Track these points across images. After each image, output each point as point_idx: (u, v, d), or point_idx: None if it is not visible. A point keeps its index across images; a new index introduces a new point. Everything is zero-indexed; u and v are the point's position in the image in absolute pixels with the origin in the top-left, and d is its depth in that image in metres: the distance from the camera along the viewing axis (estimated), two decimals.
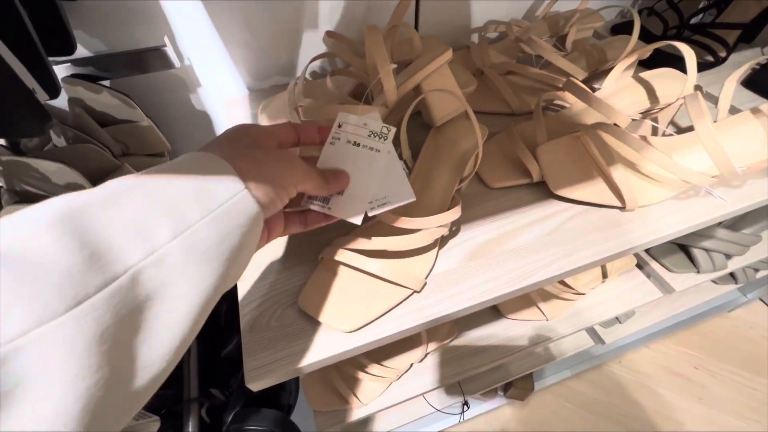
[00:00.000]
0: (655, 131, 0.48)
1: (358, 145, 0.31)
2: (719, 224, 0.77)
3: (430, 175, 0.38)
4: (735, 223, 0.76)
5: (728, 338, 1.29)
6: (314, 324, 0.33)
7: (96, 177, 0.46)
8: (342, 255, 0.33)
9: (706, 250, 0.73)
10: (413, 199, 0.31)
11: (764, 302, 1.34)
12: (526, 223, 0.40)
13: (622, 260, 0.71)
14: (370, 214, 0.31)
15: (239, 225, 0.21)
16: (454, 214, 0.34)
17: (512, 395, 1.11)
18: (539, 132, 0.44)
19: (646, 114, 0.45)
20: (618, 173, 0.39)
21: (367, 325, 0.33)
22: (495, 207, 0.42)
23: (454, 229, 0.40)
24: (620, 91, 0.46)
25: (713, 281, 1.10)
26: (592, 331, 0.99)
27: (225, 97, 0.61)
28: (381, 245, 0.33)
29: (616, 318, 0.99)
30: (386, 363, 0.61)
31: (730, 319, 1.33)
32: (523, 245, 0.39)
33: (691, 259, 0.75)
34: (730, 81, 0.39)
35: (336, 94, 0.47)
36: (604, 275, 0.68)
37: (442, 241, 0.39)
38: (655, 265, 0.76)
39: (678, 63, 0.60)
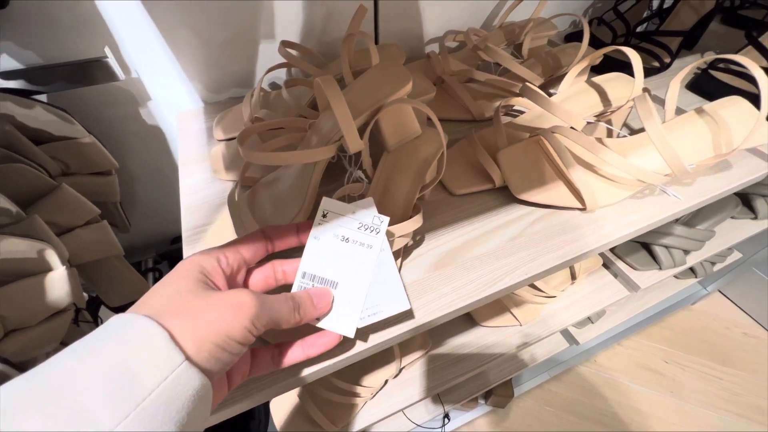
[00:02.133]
0: (610, 133, 0.49)
1: (348, 240, 0.27)
2: (677, 221, 0.80)
3: (390, 183, 0.37)
4: (690, 220, 0.80)
5: (693, 331, 1.34)
6: None
7: (28, 200, 0.42)
8: None
9: (666, 246, 0.75)
10: (408, 307, 0.28)
11: (723, 294, 1.41)
12: (491, 229, 0.40)
13: (588, 261, 0.72)
14: (359, 326, 0.27)
15: (178, 408, 0.17)
16: (415, 223, 0.32)
17: (493, 403, 1.10)
18: (499, 137, 0.44)
19: (599, 117, 0.46)
20: (577, 175, 0.39)
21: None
22: (459, 214, 0.42)
23: (418, 238, 0.39)
24: (574, 96, 0.47)
25: (675, 276, 1.14)
26: (566, 333, 1.00)
27: (178, 110, 0.58)
28: None
29: (588, 318, 1.01)
30: (359, 381, 0.58)
31: (694, 312, 1.39)
32: (489, 252, 0.38)
33: (653, 256, 0.77)
34: (674, 83, 0.41)
35: (293, 106, 0.46)
36: (573, 277, 0.69)
37: (406, 252, 0.37)
38: (620, 264, 0.78)
39: (627, 68, 0.63)
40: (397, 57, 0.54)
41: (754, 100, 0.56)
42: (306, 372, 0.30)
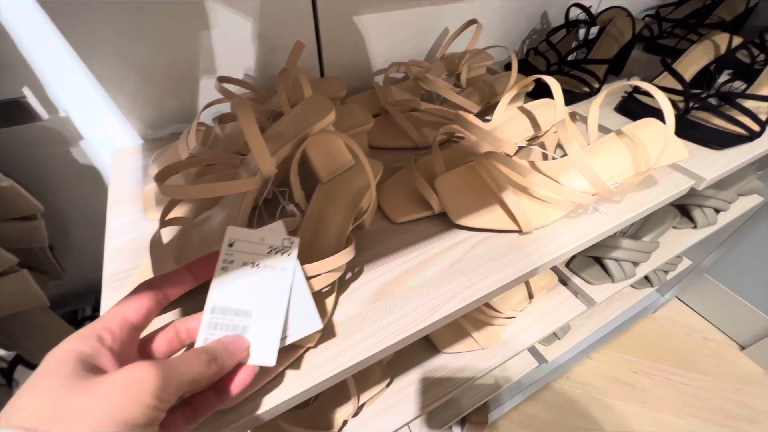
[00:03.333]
0: (545, 156, 0.51)
1: (258, 266, 0.26)
2: (623, 235, 0.83)
3: (323, 216, 0.36)
4: (636, 233, 0.83)
5: (657, 338, 1.38)
6: None
7: None
8: None
9: (617, 260, 0.78)
10: (320, 327, 0.27)
11: (681, 300, 1.47)
12: (431, 256, 0.40)
13: (544, 279, 0.73)
14: None
15: None
16: (345, 256, 0.31)
17: (469, 430, 1.07)
18: (437, 164, 0.45)
19: (531, 141, 0.48)
20: (510, 199, 0.40)
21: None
22: (400, 242, 0.41)
23: (356, 270, 0.38)
24: (508, 122, 0.49)
25: (632, 286, 1.18)
26: (534, 351, 1.00)
27: (113, 148, 0.56)
28: None
29: (554, 334, 1.02)
30: (314, 425, 0.55)
31: (656, 319, 1.43)
32: (428, 280, 0.37)
33: (605, 270, 0.79)
34: (593, 107, 0.43)
35: (227, 143, 0.45)
36: (530, 296, 0.70)
37: (342, 286, 0.36)
38: (576, 280, 0.80)
39: (565, 93, 0.67)
40: (338, 89, 0.55)
41: (678, 119, 0.60)
42: (237, 424, 0.28)
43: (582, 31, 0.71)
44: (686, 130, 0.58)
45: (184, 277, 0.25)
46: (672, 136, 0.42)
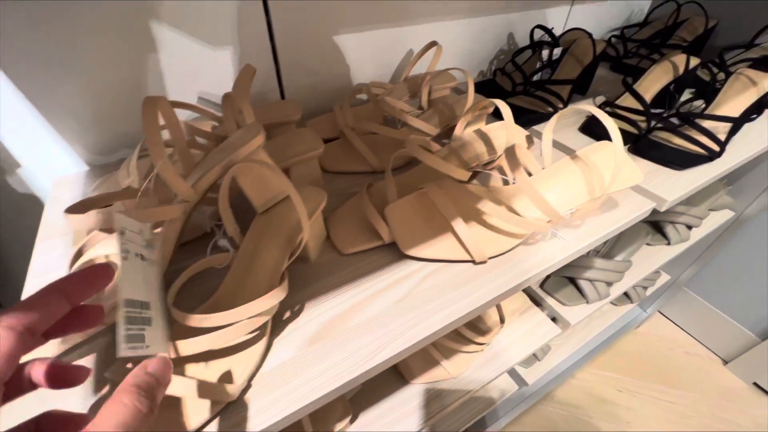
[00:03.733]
0: (505, 181, 0.50)
1: (142, 257, 0.25)
2: (596, 254, 0.82)
3: (258, 251, 0.34)
4: (609, 252, 0.83)
5: (641, 355, 1.36)
6: None
7: None
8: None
9: (590, 280, 0.77)
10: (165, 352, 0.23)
11: (663, 314, 1.46)
12: (377, 291, 0.37)
13: (515, 302, 0.71)
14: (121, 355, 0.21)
15: None
16: (271, 299, 0.29)
17: None
18: (389, 191, 0.43)
19: (487, 165, 0.47)
20: (460, 227, 0.38)
21: None
22: (346, 276, 0.39)
23: (296, 308, 0.35)
24: (463, 146, 0.48)
25: (612, 303, 1.17)
26: (514, 374, 0.98)
27: (57, 176, 0.53)
28: (183, 351, 0.27)
29: (534, 356, 0.99)
30: None
31: (639, 335, 1.42)
32: (374, 317, 0.35)
33: (579, 290, 0.78)
34: (546, 131, 0.42)
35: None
36: (502, 320, 0.67)
37: (278, 327, 0.34)
38: (551, 301, 0.78)
39: (529, 113, 0.67)
40: (292, 113, 0.53)
41: (635, 139, 0.60)
42: None
43: (545, 52, 0.72)
44: (648, 150, 0.58)
45: (53, 301, 0.20)
46: (625, 160, 0.41)
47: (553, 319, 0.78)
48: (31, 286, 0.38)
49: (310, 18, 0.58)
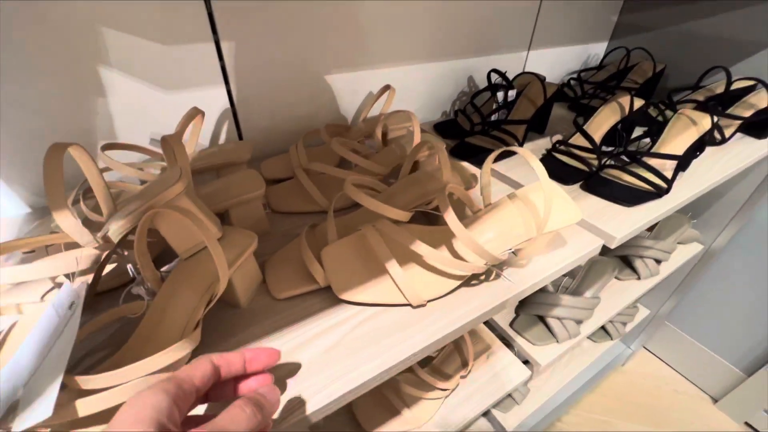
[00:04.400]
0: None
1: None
2: (565, 291, 0.81)
3: (171, 301, 0.32)
4: (577, 288, 0.81)
5: (627, 393, 1.31)
6: None
7: None
8: None
9: (559, 318, 0.75)
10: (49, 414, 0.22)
11: (648, 350, 1.43)
12: (308, 339, 0.35)
13: (481, 343, 0.69)
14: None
15: None
16: (173, 353, 0.27)
17: None
18: (330, 232, 0.42)
19: (428, 205, 0.47)
20: (394, 270, 0.37)
21: None
22: (278, 322, 0.37)
23: None
24: (409, 185, 0.48)
25: (592, 340, 1.14)
26: (493, 421, 0.92)
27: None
28: (67, 416, 0.24)
29: (513, 399, 0.95)
30: None
31: (626, 373, 1.37)
32: (298, 369, 0.33)
33: (549, 329, 0.76)
34: (484, 172, 0.43)
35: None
36: (464, 363, 0.64)
37: None
38: (520, 341, 0.75)
39: (486, 152, 0.68)
40: (241, 154, 0.53)
41: (587, 177, 0.61)
42: None
43: (500, 94, 0.74)
44: (598, 187, 0.59)
45: (237, 361, 0.26)
46: (563, 199, 0.41)
47: (525, 362, 0.75)
48: None
49: (266, 62, 0.60)
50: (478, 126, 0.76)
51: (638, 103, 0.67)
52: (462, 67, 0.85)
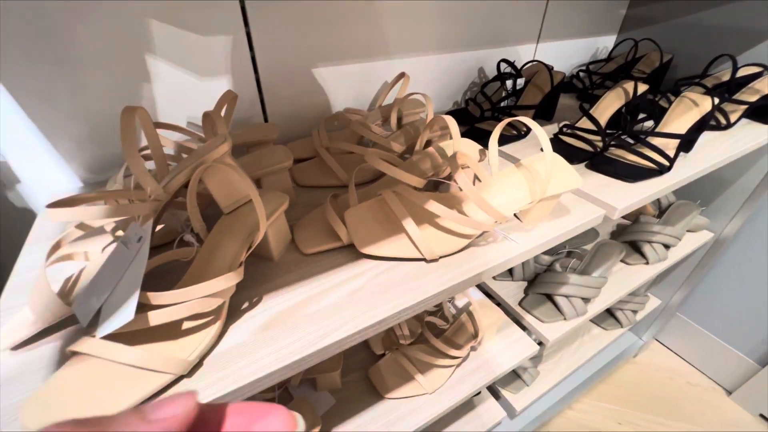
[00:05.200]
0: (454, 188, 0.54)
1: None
2: (574, 270, 0.84)
3: (217, 247, 0.37)
4: (585, 269, 0.84)
5: (640, 385, 1.32)
6: None
7: None
8: (89, 345, 0.29)
9: (566, 296, 0.78)
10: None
11: (659, 342, 1.43)
12: (332, 286, 0.40)
13: (490, 316, 0.72)
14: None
15: None
16: (224, 282, 0.32)
17: None
18: (351, 198, 0.47)
19: (440, 174, 0.51)
20: (410, 227, 0.41)
21: None
22: (305, 273, 0.42)
23: (255, 300, 0.38)
24: (423, 158, 0.52)
25: (602, 327, 1.16)
26: (504, 402, 0.95)
27: (53, 192, 0.58)
28: (141, 324, 0.29)
29: (523, 381, 0.98)
30: None
31: (638, 364, 1.38)
32: (324, 308, 0.37)
33: (557, 307, 0.79)
34: (492, 142, 0.47)
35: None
36: (475, 334, 0.68)
37: (236, 315, 0.36)
38: (529, 318, 0.79)
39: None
40: (270, 133, 0.59)
41: (591, 156, 0.64)
42: None
43: (509, 82, 0.78)
44: (602, 165, 0.62)
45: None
46: (565, 167, 0.45)
47: (539, 343, 0.78)
48: (12, 285, 0.41)
49: (292, 53, 0.66)
50: (488, 112, 0.80)
51: (643, 88, 0.70)
52: (473, 58, 0.89)
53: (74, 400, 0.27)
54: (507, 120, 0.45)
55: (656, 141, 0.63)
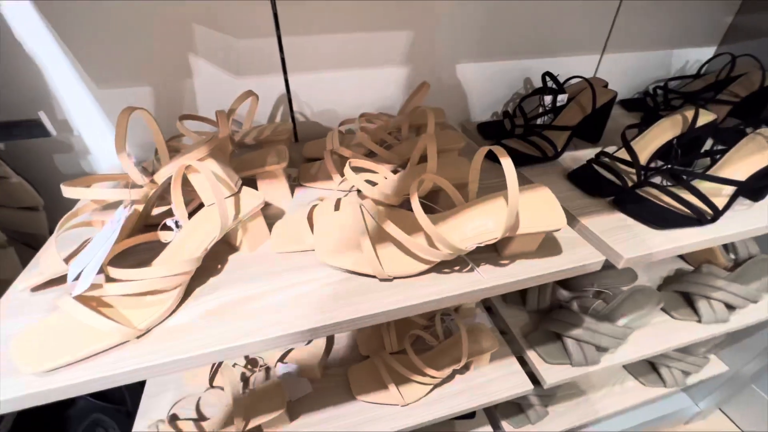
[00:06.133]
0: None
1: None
2: (596, 314, 0.75)
3: (191, 234, 0.42)
4: (610, 314, 0.75)
5: None
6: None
7: None
8: (64, 302, 0.35)
9: (577, 340, 0.71)
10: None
11: (723, 412, 1.20)
12: (284, 286, 0.42)
13: (484, 341, 0.69)
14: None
15: None
16: (171, 269, 0.36)
17: None
18: (328, 206, 0.49)
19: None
20: (365, 243, 0.42)
21: (57, 369, 0.33)
22: (266, 269, 0.45)
23: (212, 287, 0.42)
24: (405, 176, 0.51)
25: (639, 381, 1.02)
26: None
27: (111, 164, 0.70)
28: (98, 292, 0.36)
29: (526, 416, 0.92)
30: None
31: None
32: (269, 305, 0.40)
33: (565, 349, 0.72)
34: (473, 168, 0.44)
35: None
36: (458, 359, 0.66)
37: (192, 296, 0.41)
38: (531, 354, 0.73)
39: (516, 155, 0.67)
40: (282, 132, 0.63)
41: (618, 191, 0.57)
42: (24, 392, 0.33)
43: (547, 98, 0.72)
44: (628, 203, 0.54)
45: None
46: (547, 204, 0.41)
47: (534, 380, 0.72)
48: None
49: (320, 55, 0.69)
50: (519, 129, 0.74)
51: (707, 118, 0.59)
52: (519, 67, 0.83)
53: (45, 343, 0.34)
54: (486, 149, 0.42)
55: (706, 185, 0.53)
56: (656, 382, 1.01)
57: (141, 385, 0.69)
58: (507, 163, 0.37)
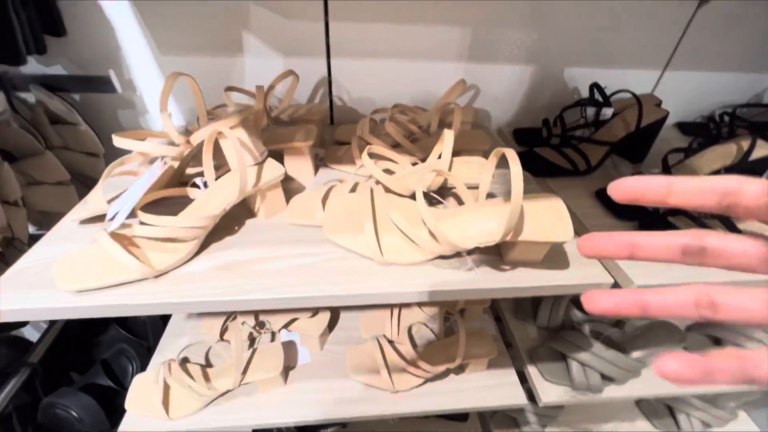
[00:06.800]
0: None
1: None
2: (609, 341, 0.72)
3: (214, 194, 0.46)
4: (624, 343, 0.71)
5: None
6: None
7: (20, 153, 0.61)
8: (100, 236, 0.41)
9: (583, 364, 0.68)
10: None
11: None
12: (289, 254, 0.45)
13: (481, 346, 0.68)
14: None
15: None
16: (187, 221, 0.40)
17: None
18: (344, 187, 0.51)
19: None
20: (367, 226, 0.43)
21: (87, 291, 0.39)
22: (278, 237, 0.48)
23: (227, 243, 0.46)
24: (421, 169, 0.52)
25: (650, 421, 0.96)
26: None
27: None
28: (127, 232, 0.41)
29: (516, 424, 0.90)
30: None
31: None
32: (271, 269, 0.43)
33: (569, 370, 0.70)
34: (485, 172, 0.44)
35: None
36: (452, 359, 0.66)
37: (207, 250, 0.45)
38: (531, 368, 0.72)
39: (546, 164, 0.65)
40: (314, 113, 0.66)
41: (645, 215, 0.54)
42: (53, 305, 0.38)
43: (590, 110, 0.69)
44: (652, 228, 0.51)
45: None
46: (556, 214, 0.41)
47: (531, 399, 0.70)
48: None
49: (364, 43, 0.71)
50: (555, 138, 0.72)
51: (764, 151, 0.54)
52: (570, 75, 0.80)
53: (80, 267, 0.40)
54: (499, 153, 0.42)
55: (750, 226, 0.49)
56: (670, 426, 0.95)
57: (164, 325, 0.76)
58: (515, 167, 0.37)
